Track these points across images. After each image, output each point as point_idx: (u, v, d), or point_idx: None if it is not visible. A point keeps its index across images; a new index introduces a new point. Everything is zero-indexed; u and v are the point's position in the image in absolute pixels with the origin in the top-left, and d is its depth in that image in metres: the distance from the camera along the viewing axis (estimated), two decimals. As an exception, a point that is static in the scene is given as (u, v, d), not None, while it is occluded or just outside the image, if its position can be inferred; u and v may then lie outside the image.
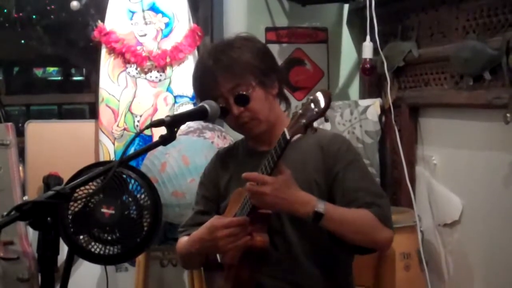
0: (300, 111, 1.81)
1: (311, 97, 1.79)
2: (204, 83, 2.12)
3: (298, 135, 1.86)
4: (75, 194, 1.66)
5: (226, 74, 2.07)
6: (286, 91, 2.27)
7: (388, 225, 2.03)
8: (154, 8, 3.73)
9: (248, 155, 2.22)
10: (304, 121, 1.78)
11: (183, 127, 3.11)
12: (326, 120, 1.87)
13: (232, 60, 2.09)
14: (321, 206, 1.91)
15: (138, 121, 3.71)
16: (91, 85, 4.75)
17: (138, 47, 3.69)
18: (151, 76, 3.72)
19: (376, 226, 1.99)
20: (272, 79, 2.14)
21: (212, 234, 2.03)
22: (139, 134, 3.62)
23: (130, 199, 2.99)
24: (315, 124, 1.81)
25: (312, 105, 1.78)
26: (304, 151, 2.11)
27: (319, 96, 1.78)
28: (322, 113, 1.77)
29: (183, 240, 2.26)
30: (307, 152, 2.11)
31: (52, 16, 5.06)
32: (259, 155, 2.10)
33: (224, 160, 2.30)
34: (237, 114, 2.08)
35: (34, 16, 5.06)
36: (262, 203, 1.95)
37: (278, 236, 2.08)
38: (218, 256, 2.19)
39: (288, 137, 1.83)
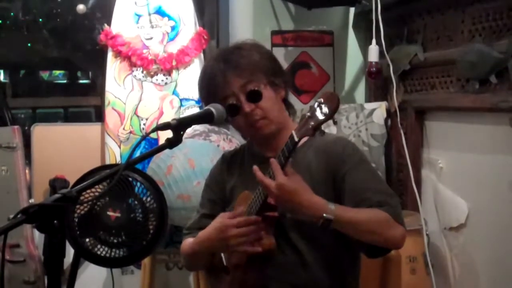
0: (308, 113, 1.80)
1: (320, 100, 1.79)
2: (213, 84, 2.11)
3: (305, 138, 1.86)
4: (81, 197, 1.66)
5: (237, 71, 2.08)
6: (291, 95, 2.27)
7: (400, 222, 2.01)
8: (160, 12, 3.74)
9: (253, 160, 2.20)
10: (312, 123, 1.78)
11: (189, 130, 3.11)
12: (335, 123, 1.87)
13: (242, 59, 2.10)
14: (330, 210, 1.90)
15: (144, 124, 3.72)
16: (97, 88, 4.77)
17: (144, 50, 3.70)
18: (157, 79, 3.72)
19: (389, 224, 1.98)
20: (280, 82, 2.15)
21: (223, 233, 2.04)
22: (145, 137, 3.60)
23: (136, 202, 2.99)
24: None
25: (321, 108, 1.78)
26: (308, 155, 2.11)
27: (328, 98, 1.78)
28: (330, 116, 1.77)
29: (189, 241, 2.26)
30: (311, 155, 2.11)
31: (58, 19, 5.07)
32: (264, 161, 2.09)
33: (230, 164, 2.30)
34: (248, 111, 2.07)
35: (40, 19, 5.07)
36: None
37: (283, 239, 2.08)
38: (223, 259, 2.19)
39: (296, 139, 1.83)
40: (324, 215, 1.89)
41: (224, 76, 2.08)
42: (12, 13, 5.02)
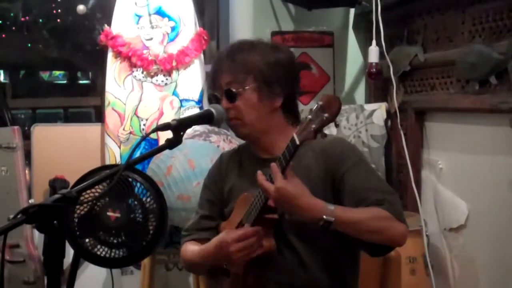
0: (310, 116, 1.80)
1: (320, 103, 1.78)
2: (212, 72, 2.19)
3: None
4: (81, 198, 1.66)
5: (230, 68, 2.12)
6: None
7: (401, 220, 2.00)
8: (160, 12, 3.73)
9: (251, 161, 2.21)
10: (313, 126, 1.77)
11: (189, 131, 3.11)
12: (337, 126, 1.86)
13: (241, 58, 2.12)
14: (330, 212, 1.89)
15: (144, 125, 3.72)
16: (97, 88, 4.77)
17: (144, 51, 3.70)
18: (157, 80, 3.72)
19: (390, 222, 1.96)
20: (276, 91, 2.13)
21: (225, 249, 2.02)
22: (145, 137, 3.60)
23: (136, 202, 2.99)
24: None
25: (322, 111, 1.77)
26: (307, 156, 2.10)
27: (328, 101, 1.78)
28: (332, 119, 1.77)
29: (190, 249, 2.26)
30: (310, 156, 2.10)
31: (58, 20, 5.08)
32: (262, 162, 2.09)
33: (228, 164, 2.30)
34: (225, 108, 2.11)
35: (40, 20, 5.07)
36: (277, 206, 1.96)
37: (282, 241, 2.08)
38: (223, 261, 2.19)
39: (297, 142, 1.82)
40: (324, 217, 1.88)
41: (220, 68, 2.15)
42: (12, 13, 5.02)
